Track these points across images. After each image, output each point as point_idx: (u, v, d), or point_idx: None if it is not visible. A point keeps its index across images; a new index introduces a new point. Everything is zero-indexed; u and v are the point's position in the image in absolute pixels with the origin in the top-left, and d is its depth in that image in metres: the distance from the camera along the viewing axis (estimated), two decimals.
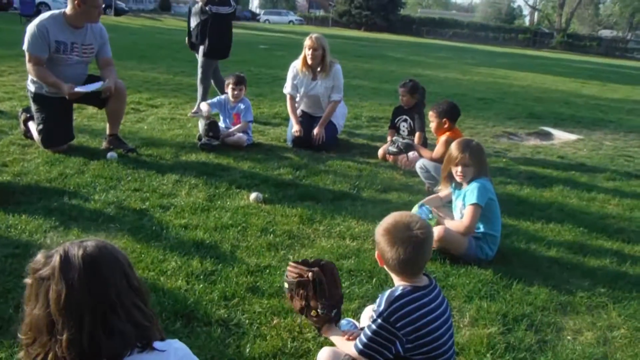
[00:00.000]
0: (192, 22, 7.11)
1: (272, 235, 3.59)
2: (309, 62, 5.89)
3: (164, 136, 5.85)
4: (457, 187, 3.65)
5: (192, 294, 2.79)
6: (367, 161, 5.61)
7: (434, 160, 4.81)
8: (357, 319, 2.60)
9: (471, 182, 3.50)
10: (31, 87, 4.96)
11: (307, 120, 6.06)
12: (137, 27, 25.41)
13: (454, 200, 3.70)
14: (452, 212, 3.74)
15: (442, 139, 4.84)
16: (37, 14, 5.73)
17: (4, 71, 9.02)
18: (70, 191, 4.05)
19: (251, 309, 2.70)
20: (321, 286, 2.24)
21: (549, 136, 7.96)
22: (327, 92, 5.99)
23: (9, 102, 6.83)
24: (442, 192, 3.91)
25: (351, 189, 4.67)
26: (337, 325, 2.38)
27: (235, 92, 5.85)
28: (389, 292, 2.03)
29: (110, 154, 4.90)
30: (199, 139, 5.58)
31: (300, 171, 5.01)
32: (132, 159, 4.93)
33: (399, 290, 2.01)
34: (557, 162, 6.32)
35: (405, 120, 5.89)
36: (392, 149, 5.38)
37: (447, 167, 3.62)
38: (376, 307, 2.05)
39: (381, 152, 5.71)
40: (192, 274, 2.97)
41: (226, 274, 3.01)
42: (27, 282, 1.33)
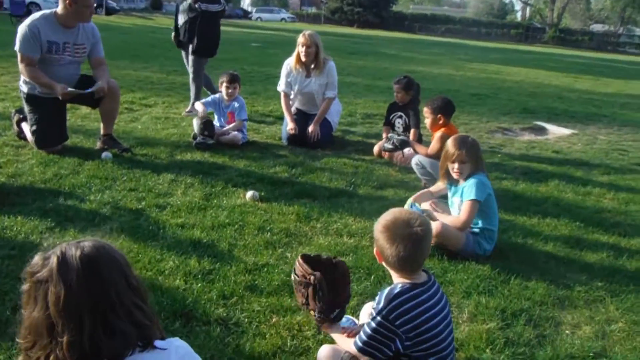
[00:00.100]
0: (180, 19, 7.04)
1: (269, 233, 3.58)
2: (303, 59, 5.87)
3: (158, 135, 5.82)
4: (454, 184, 3.65)
5: (190, 293, 2.78)
6: (363, 158, 5.61)
7: (430, 156, 4.82)
8: (356, 316, 2.61)
9: (468, 178, 3.50)
10: (24, 88, 4.92)
11: (301, 117, 6.05)
12: (129, 27, 25.29)
13: (450, 196, 3.70)
14: (449, 207, 3.74)
15: (437, 135, 4.85)
16: (28, 14, 5.69)
17: None
18: (65, 192, 4.03)
19: (250, 308, 2.70)
20: (322, 292, 2.22)
21: (543, 131, 7.98)
22: (321, 89, 5.97)
23: (2, 103, 6.79)
24: (434, 187, 3.91)
25: (347, 186, 4.67)
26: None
27: (229, 90, 5.82)
28: (388, 289, 2.03)
29: (104, 154, 4.88)
30: (194, 137, 5.55)
31: (296, 169, 5.00)
32: (127, 159, 4.91)
33: (398, 287, 2.01)
34: (552, 156, 6.34)
35: (400, 116, 5.89)
36: (388, 146, 5.38)
37: (444, 164, 3.62)
38: (375, 304, 2.05)
39: (376, 149, 5.71)
40: (190, 274, 2.96)
41: (224, 273, 3.00)
42: (25, 286, 1.31)
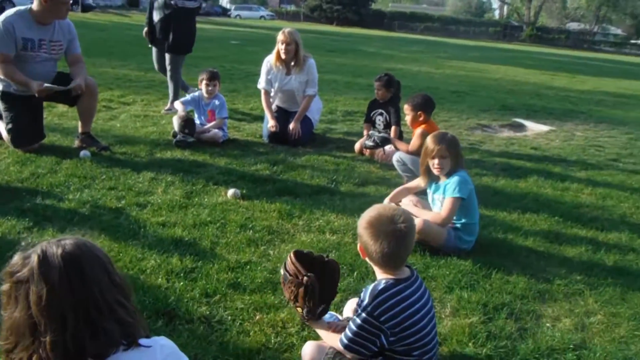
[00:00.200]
0: (155, 16, 6.91)
1: (251, 231, 3.57)
2: (283, 56, 5.85)
3: (137, 134, 5.76)
4: (435, 181, 3.66)
5: (172, 291, 2.75)
6: (344, 155, 5.62)
7: (411, 153, 4.84)
8: (339, 312, 2.61)
9: (450, 175, 3.52)
10: None
11: (282, 115, 6.03)
12: (105, 24, 24.93)
13: (431, 193, 3.71)
14: (430, 204, 3.75)
15: (417, 131, 4.87)
16: (1, 10, 5.56)
17: None
18: (43, 191, 3.96)
19: (233, 305, 2.68)
20: (312, 293, 2.21)
21: (521, 128, 8.07)
22: (302, 86, 5.96)
23: None
24: (410, 184, 3.92)
25: (329, 183, 4.67)
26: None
27: (209, 87, 5.78)
28: (372, 286, 2.04)
29: (83, 153, 4.81)
30: (174, 135, 5.50)
31: (277, 166, 4.99)
32: (106, 158, 4.85)
33: (382, 283, 2.02)
34: (531, 153, 6.42)
35: (381, 114, 5.91)
36: (369, 143, 5.39)
37: (424, 161, 3.62)
38: (360, 301, 2.05)
39: (358, 146, 5.72)
40: (172, 272, 2.94)
41: (207, 271, 2.98)
42: (4, 287, 1.29)
